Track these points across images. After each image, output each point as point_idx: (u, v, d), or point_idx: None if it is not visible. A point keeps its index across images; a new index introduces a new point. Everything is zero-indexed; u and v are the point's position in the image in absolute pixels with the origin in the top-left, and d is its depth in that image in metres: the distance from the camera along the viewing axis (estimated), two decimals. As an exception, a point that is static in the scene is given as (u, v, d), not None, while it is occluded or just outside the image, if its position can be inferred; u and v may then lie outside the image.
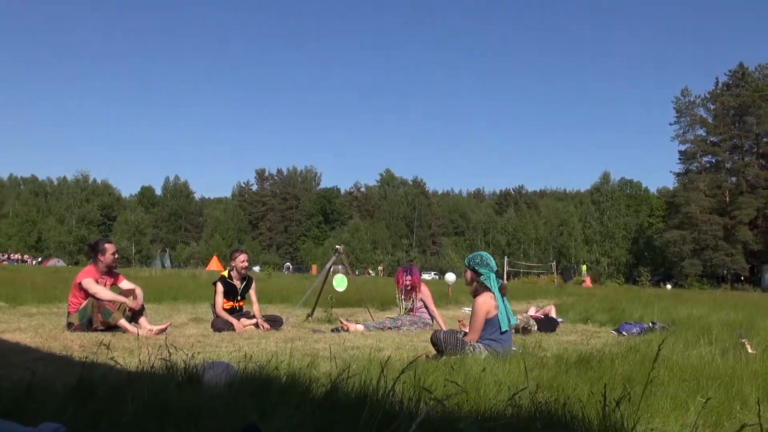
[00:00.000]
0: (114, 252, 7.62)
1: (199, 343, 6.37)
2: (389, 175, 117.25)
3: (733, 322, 9.52)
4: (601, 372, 4.34)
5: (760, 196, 70.13)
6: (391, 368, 3.61)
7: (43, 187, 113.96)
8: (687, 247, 70.91)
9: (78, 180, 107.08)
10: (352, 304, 12.81)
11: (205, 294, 12.94)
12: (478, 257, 5.80)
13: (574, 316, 11.69)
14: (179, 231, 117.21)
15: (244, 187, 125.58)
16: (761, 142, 73.77)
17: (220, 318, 8.11)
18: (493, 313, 5.53)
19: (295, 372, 3.83)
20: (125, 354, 5.28)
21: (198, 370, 3.72)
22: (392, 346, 6.62)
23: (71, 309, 7.23)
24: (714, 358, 5.28)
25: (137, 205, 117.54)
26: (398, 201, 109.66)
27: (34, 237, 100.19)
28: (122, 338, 6.48)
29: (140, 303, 7.40)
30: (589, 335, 8.76)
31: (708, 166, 76.78)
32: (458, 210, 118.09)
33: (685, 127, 76.97)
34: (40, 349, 5.59)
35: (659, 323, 9.59)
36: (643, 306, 13.76)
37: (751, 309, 14.20)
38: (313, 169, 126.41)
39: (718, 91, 76.90)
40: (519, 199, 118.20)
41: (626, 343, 6.65)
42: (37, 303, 11.00)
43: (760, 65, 76.36)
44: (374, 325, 8.75)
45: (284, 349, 5.72)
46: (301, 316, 10.33)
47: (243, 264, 8.56)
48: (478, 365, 4.30)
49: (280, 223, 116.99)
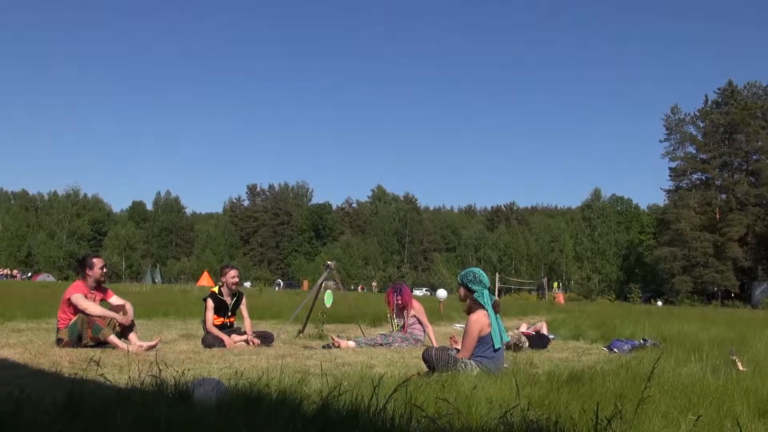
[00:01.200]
0: (102, 266, 7.57)
1: (189, 360, 6.34)
2: (381, 190, 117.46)
3: (723, 339, 9.53)
4: (592, 389, 4.34)
5: (749, 213, 70.59)
6: (382, 385, 3.60)
7: (34, 201, 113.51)
8: (677, 263, 71.17)
9: (69, 195, 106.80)
10: (343, 320, 12.77)
11: (195, 310, 12.89)
12: (470, 274, 5.79)
13: (566, 333, 11.70)
14: (170, 246, 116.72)
15: (235, 202, 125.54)
16: (750, 159, 74.36)
17: (210, 334, 8.06)
18: (486, 330, 5.51)
19: (286, 389, 3.81)
20: (115, 370, 5.24)
21: (188, 387, 3.70)
22: (384, 363, 6.60)
23: (60, 325, 7.18)
24: (705, 375, 5.28)
25: (128, 220, 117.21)
26: (390, 217, 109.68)
27: (23, 252, 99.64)
28: (112, 354, 6.43)
29: (130, 319, 7.35)
30: (580, 352, 8.76)
31: (698, 183, 77.25)
32: (450, 226, 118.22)
33: (675, 144, 77.60)
34: (28, 366, 5.54)
35: (650, 340, 9.59)
36: (634, 323, 13.76)
37: (741, 326, 14.22)
38: (304, 185, 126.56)
39: (707, 108, 77.55)
40: (510, 215, 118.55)
41: (617, 361, 6.64)
42: (26, 319, 10.92)
43: (749, 83, 77.33)
44: (366, 342, 8.72)
45: (275, 366, 5.69)
46: (292, 332, 10.28)
47: (233, 280, 8.53)
48: (469, 383, 4.28)
49: (272, 238, 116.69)
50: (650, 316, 18.05)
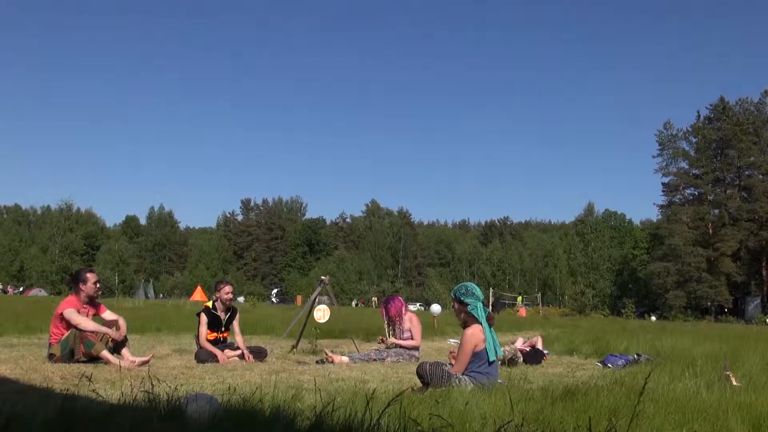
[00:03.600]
0: (96, 281, 7.53)
1: (182, 375, 6.31)
2: (375, 205, 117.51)
3: (717, 354, 9.53)
4: (586, 405, 4.33)
5: (742, 228, 70.83)
6: (376, 401, 3.59)
7: (26, 216, 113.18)
8: (671, 278, 71.27)
9: (62, 209, 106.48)
10: (337, 335, 12.74)
11: (188, 325, 12.83)
12: (463, 288, 5.81)
13: (560, 348, 11.70)
14: (163, 261, 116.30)
15: (229, 217, 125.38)
16: (743, 175, 74.75)
17: (203, 349, 8.03)
18: (481, 346, 5.52)
19: (280, 404, 3.79)
20: (107, 386, 5.21)
21: (181, 403, 3.67)
22: (378, 378, 6.58)
23: (53, 340, 7.13)
24: (699, 390, 5.28)
25: (121, 234, 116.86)
26: (384, 232, 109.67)
27: (16, 266, 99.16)
28: (104, 370, 6.39)
29: (123, 334, 7.31)
30: (574, 367, 8.76)
31: (691, 199, 77.53)
32: (443, 241, 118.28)
33: (668, 159, 77.92)
34: (20, 381, 5.50)
35: (644, 355, 9.59)
36: (628, 338, 13.77)
37: (735, 341, 14.22)
38: (298, 200, 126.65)
39: (699, 124, 77.94)
40: (504, 230, 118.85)
41: (611, 376, 6.64)
42: (18, 333, 10.86)
43: (740, 99, 77.71)
44: (359, 357, 8.70)
45: (268, 381, 5.66)
46: (285, 347, 10.25)
47: (228, 296, 8.50)
48: (463, 398, 4.27)
49: (266, 253, 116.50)
50: (644, 331, 18.05)
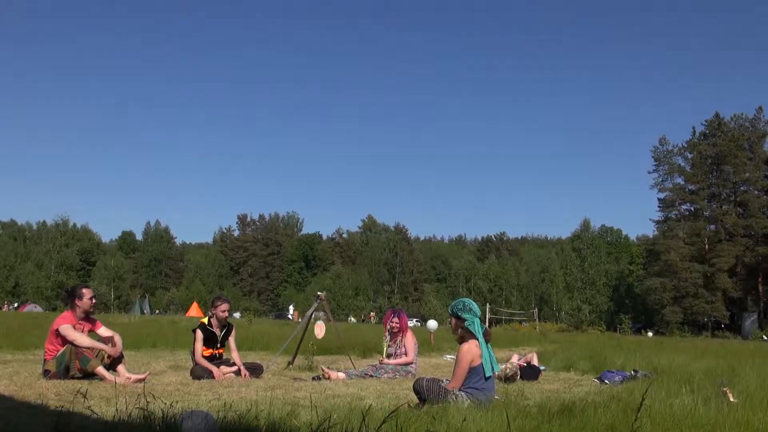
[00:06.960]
0: (91, 297, 7.50)
1: (177, 392, 6.28)
2: (371, 221, 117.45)
3: (714, 371, 9.53)
4: (583, 421, 4.32)
5: (738, 244, 70.89)
6: (372, 417, 3.58)
7: (22, 231, 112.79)
8: (667, 294, 71.21)
9: (57, 224, 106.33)
10: (333, 351, 12.70)
11: (184, 341, 12.78)
12: (460, 303, 5.82)
13: (557, 364, 11.67)
14: (159, 277, 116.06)
15: (225, 232, 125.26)
16: (738, 190, 74.91)
17: (199, 365, 8.00)
18: (477, 362, 5.51)
19: (276, 421, 3.78)
20: (102, 403, 5.18)
21: (176, 420, 3.66)
22: (374, 395, 6.56)
23: (48, 356, 7.10)
24: (696, 406, 5.26)
25: (117, 250, 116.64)
26: (380, 247, 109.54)
27: (11, 282, 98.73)
28: (99, 386, 6.36)
29: (119, 350, 7.27)
30: (571, 383, 8.75)
31: (687, 214, 77.65)
32: (440, 256, 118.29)
33: (664, 175, 78.07)
34: (14, 398, 5.47)
35: (641, 371, 9.58)
36: (625, 354, 13.75)
37: (732, 357, 14.22)
38: (295, 215, 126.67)
39: (695, 140, 78.23)
40: (500, 245, 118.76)
41: (608, 392, 6.63)
42: (13, 350, 10.81)
43: (735, 115, 78.01)
44: (356, 373, 8.68)
45: (264, 398, 5.65)
46: (281, 363, 10.21)
47: (224, 314, 8.49)
48: (460, 414, 4.26)
49: (262, 268, 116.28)
50: (641, 347, 18.03)
